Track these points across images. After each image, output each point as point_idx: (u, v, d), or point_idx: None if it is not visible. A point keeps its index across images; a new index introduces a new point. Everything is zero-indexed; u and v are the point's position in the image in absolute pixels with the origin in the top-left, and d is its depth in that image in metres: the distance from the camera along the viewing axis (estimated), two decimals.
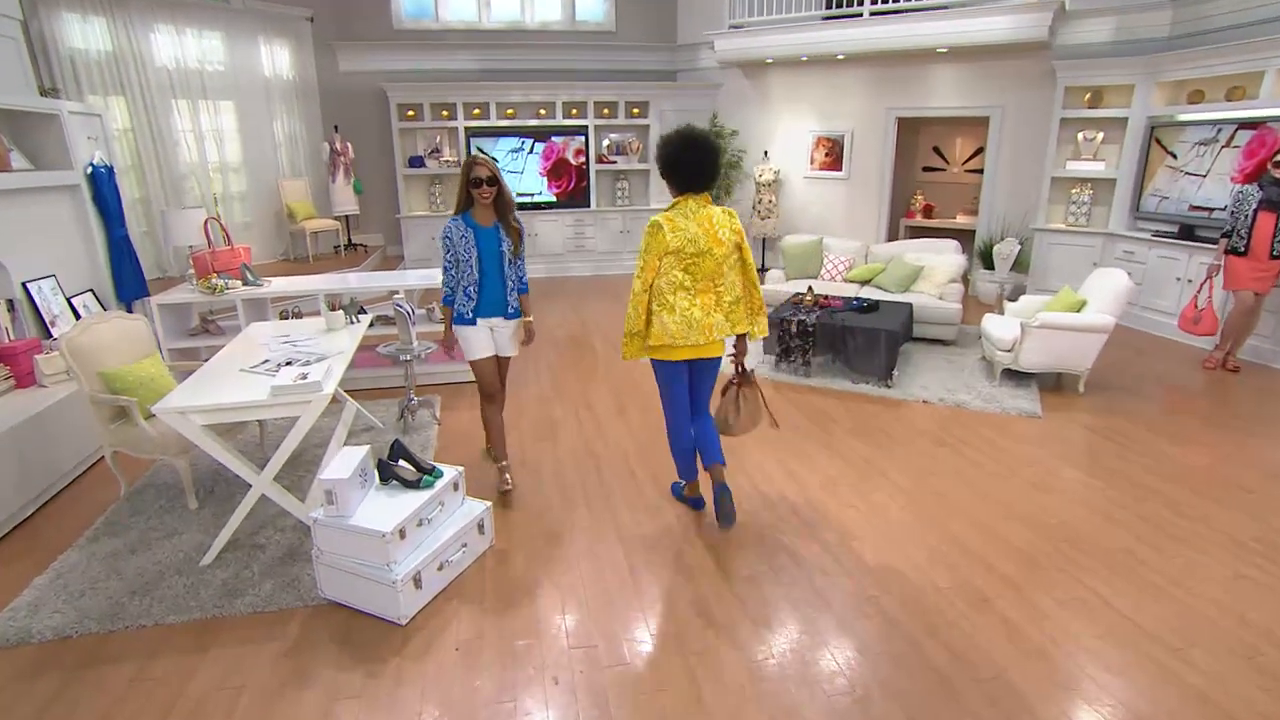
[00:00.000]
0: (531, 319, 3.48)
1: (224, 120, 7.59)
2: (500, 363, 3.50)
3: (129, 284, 5.11)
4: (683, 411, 3.14)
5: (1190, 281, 5.95)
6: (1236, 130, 5.63)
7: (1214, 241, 5.75)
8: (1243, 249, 5.12)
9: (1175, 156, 6.14)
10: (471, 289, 3.28)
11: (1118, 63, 6.43)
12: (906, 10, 7.10)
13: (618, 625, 2.61)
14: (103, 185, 4.94)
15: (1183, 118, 6.10)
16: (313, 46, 8.52)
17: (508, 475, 3.60)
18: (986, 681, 2.33)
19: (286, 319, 4.60)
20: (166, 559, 2.99)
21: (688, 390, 3.12)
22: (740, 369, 3.23)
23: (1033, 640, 2.51)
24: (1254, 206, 5.05)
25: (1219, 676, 2.34)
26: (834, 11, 7.64)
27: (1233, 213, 5.21)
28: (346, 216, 8.43)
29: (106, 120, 5.24)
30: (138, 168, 6.87)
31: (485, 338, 3.39)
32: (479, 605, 2.73)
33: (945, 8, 6.92)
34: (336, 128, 8.31)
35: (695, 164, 2.83)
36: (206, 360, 3.94)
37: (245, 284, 4.73)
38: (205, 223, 4.79)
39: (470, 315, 3.32)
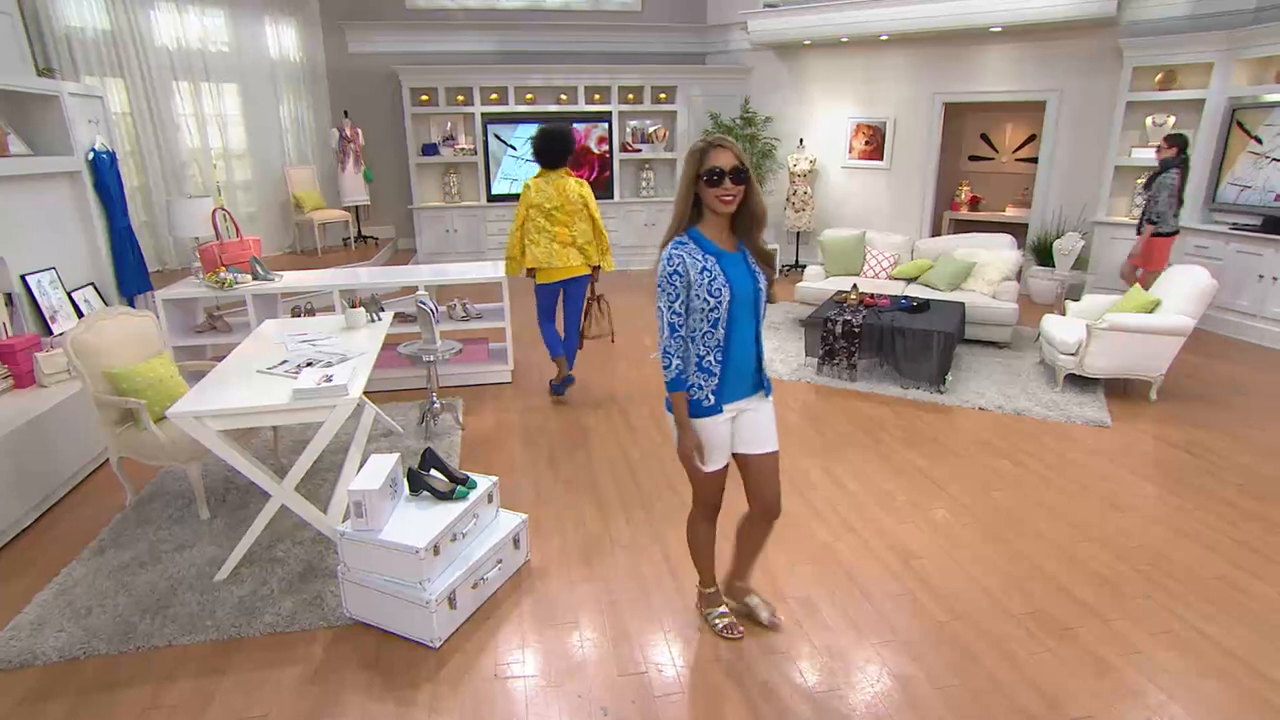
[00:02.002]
0: None
1: (227, 104, 7.61)
2: (763, 461, 2.37)
3: (132, 277, 5.12)
4: (549, 317, 4.75)
5: (1276, 280, 5.80)
6: None
7: None
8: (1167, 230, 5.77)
9: (1260, 141, 5.99)
10: (712, 357, 2.18)
11: (1195, 39, 6.27)
12: None
13: (668, 649, 2.55)
14: (104, 172, 4.95)
15: (1270, 98, 5.93)
16: (321, 27, 8.53)
17: (761, 605, 2.68)
18: None
19: (299, 316, 4.58)
20: (178, 573, 2.96)
21: (555, 305, 4.74)
22: (593, 293, 4.89)
23: (1126, 677, 2.42)
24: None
25: None
26: None
27: (1154, 196, 5.70)
28: (356, 207, 8.42)
29: (107, 103, 5.25)
30: (137, 154, 6.89)
31: (725, 435, 2.29)
32: (517, 627, 2.67)
33: None
34: (346, 113, 8.31)
35: (552, 150, 4.48)
36: (214, 359, 3.93)
37: (255, 278, 4.71)
38: (213, 213, 4.78)
39: (712, 400, 2.21)
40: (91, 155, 4.85)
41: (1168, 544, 3.18)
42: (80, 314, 4.51)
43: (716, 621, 2.64)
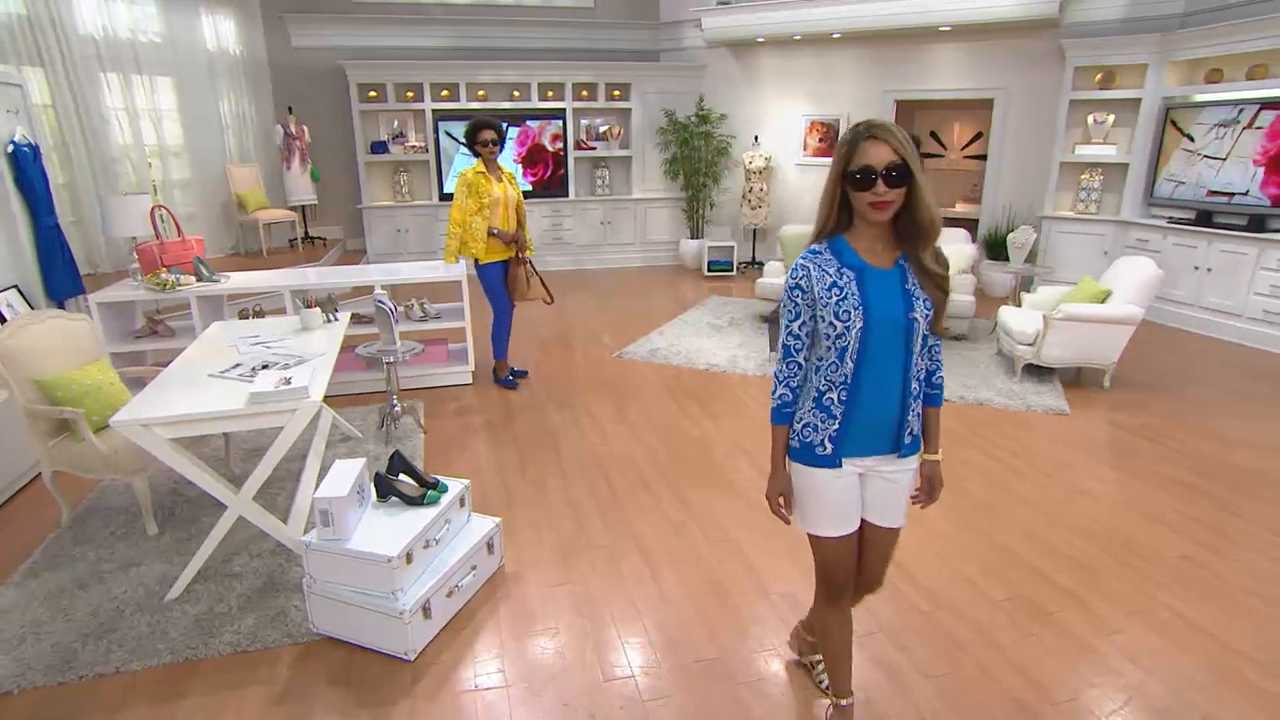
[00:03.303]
0: (939, 455, 1.91)
1: (161, 98, 7.21)
2: (881, 535, 1.91)
3: (60, 280, 4.79)
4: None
5: (1210, 270, 6.06)
6: (1259, 110, 5.72)
7: (1234, 228, 5.91)
8: None
9: (1192, 139, 6.24)
10: (835, 395, 1.74)
11: (1130, 41, 6.52)
12: None
13: (654, 652, 2.48)
14: (26, 167, 4.61)
15: (1200, 98, 6.19)
16: (261, 19, 8.19)
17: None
18: (1064, 704, 2.26)
19: (247, 318, 4.36)
20: (124, 594, 2.75)
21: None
22: (519, 258, 4.82)
23: (1107, 658, 2.45)
24: None
25: None
26: None
27: None
28: (303, 207, 8.11)
29: (28, 91, 4.91)
30: (61, 148, 6.46)
31: (848, 495, 1.83)
32: (495, 635, 2.56)
33: None
34: (291, 109, 7.99)
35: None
36: (156, 366, 3.70)
37: (199, 279, 4.46)
38: (152, 211, 4.51)
39: (829, 449, 1.78)
40: (11, 147, 4.52)
41: (1133, 526, 3.25)
42: (3, 319, 4.20)
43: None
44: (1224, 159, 6.01)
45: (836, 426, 1.75)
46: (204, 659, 2.42)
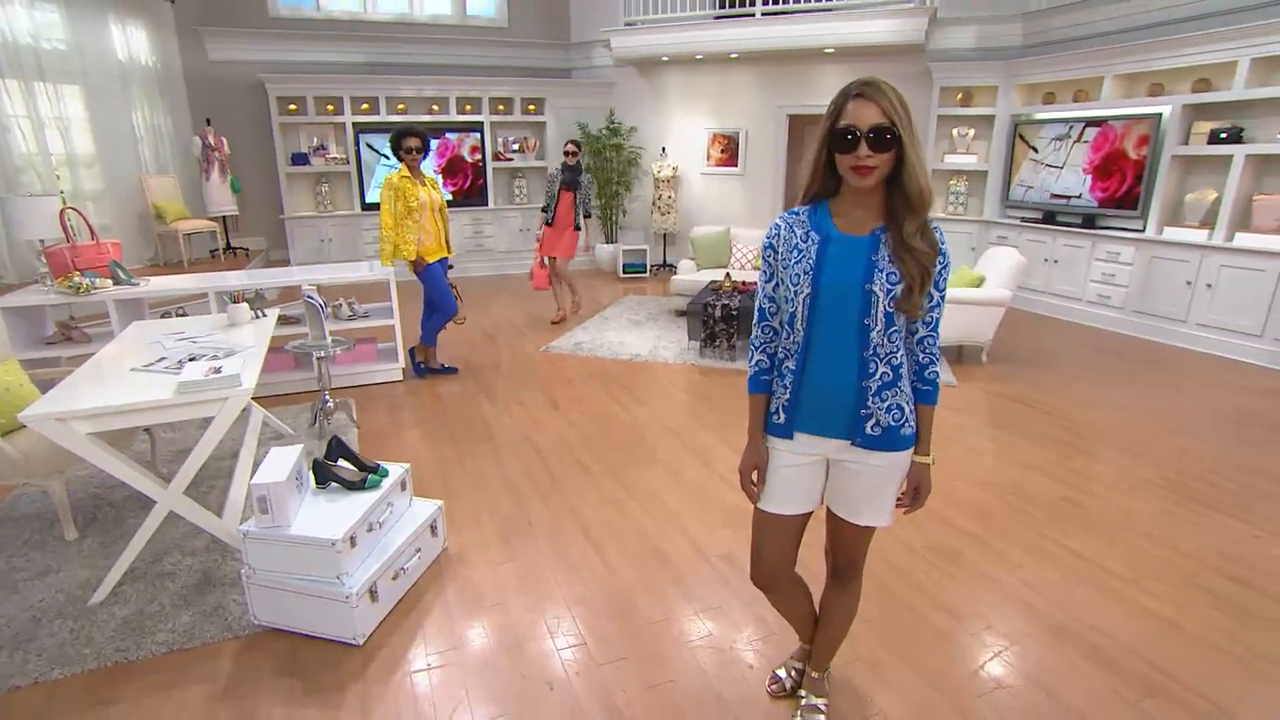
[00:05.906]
0: (930, 459, 1.68)
1: (69, 107, 6.50)
2: (848, 529, 1.71)
3: None
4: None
5: (1057, 262, 6.47)
6: (1085, 128, 6.17)
7: (1072, 225, 6.32)
8: (551, 221, 6.00)
9: (1036, 150, 6.65)
10: (791, 364, 1.59)
11: (982, 66, 6.91)
12: (796, 11, 7.28)
13: (603, 619, 2.36)
14: None
15: (1039, 116, 6.61)
16: (175, 31, 7.54)
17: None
18: (980, 633, 2.30)
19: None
20: (42, 602, 2.39)
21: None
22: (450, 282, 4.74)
23: (1013, 590, 2.51)
24: (558, 187, 5.95)
25: (1176, 602, 2.43)
26: (726, 11, 7.71)
27: (547, 192, 6.02)
28: (224, 218, 7.49)
29: None
30: None
31: (795, 474, 1.65)
32: (444, 614, 2.38)
33: (831, 9, 7.16)
34: (209, 121, 7.38)
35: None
36: (72, 369, 3.28)
37: (116, 283, 3.99)
38: (62, 213, 4.01)
39: (782, 418, 1.62)
40: None
41: (1020, 477, 3.38)
42: None
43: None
44: (1061, 167, 6.43)
45: (788, 396, 1.58)
46: (136, 661, 2.13)
